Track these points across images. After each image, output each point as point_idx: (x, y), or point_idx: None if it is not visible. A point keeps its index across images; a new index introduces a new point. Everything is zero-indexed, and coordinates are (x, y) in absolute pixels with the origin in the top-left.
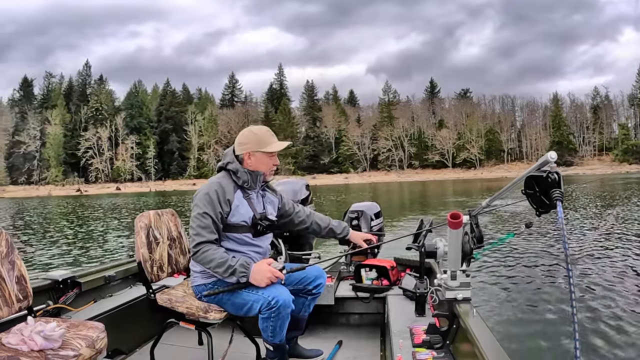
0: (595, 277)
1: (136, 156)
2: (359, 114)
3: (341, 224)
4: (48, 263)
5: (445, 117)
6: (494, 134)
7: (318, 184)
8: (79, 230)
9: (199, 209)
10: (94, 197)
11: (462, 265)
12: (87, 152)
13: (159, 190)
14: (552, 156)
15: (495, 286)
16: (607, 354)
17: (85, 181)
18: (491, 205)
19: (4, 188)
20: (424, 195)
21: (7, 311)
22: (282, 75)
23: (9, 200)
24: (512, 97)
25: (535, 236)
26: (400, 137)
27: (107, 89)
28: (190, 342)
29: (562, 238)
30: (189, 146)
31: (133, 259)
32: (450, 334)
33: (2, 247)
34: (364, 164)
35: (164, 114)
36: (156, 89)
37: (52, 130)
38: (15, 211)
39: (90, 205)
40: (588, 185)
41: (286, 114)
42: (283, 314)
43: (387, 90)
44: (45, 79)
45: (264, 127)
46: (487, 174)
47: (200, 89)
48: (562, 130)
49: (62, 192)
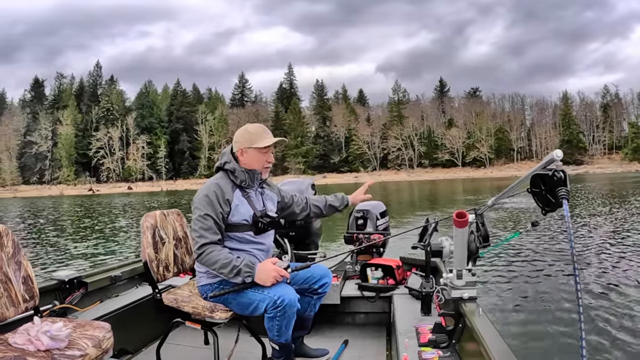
0: (602, 275)
1: (147, 156)
2: (369, 113)
3: (337, 196)
4: (62, 261)
5: (454, 116)
6: (503, 132)
7: (328, 183)
8: (102, 227)
9: (199, 211)
10: (106, 197)
11: (468, 264)
12: (99, 152)
13: (170, 189)
14: (558, 154)
15: (501, 285)
16: (614, 353)
17: (97, 181)
18: (497, 204)
19: (16, 188)
20: (433, 194)
21: (14, 311)
22: (291, 75)
23: (22, 199)
24: (521, 96)
25: (542, 235)
26: (410, 136)
27: (117, 89)
28: (196, 341)
29: (568, 237)
30: (200, 146)
31: (139, 259)
32: (456, 333)
33: (8, 247)
34: (373, 163)
35: (174, 114)
36: (166, 89)
37: (64, 131)
38: (28, 210)
39: (105, 204)
40: (594, 184)
41: (296, 113)
42: (289, 313)
43: (396, 90)
44: (57, 79)
45: (258, 125)
46: (496, 172)
47: (210, 89)
48: (572, 129)
49: (74, 191)
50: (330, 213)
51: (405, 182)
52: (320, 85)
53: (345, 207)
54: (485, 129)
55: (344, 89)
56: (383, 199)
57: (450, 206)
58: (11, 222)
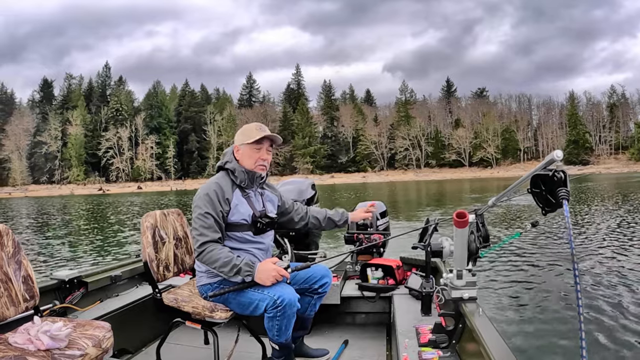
0: (602, 276)
1: (156, 156)
2: (376, 114)
3: (338, 211)
4: (72, 258)
5: (461, 116)
6: (510, 133)
7: (336, 182)
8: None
9: (200, 210)
10: (117, 196)
11: (468, 264)
12: (108, 152)
13: (179, 189)
14: (558, 155)
15: (501, 285)
16: (614, 353)
17: (106, 180)
18: (497, 205)
19: (27, 187)
20: (441, 193)
21: (14, 311)
22: (299, 76)
23: (34, 199)
24: (528, 96)
25: (542, 235)
26: (417, 136)
27: (126, 89)
28: (196, 341)
29: (568, 237)
30: (208, 146)
31: (139, 259)
32: (456, 334)
33: (8, 247)
34: (381, 163)
35: (183, 114)
36: (174, 89)
37: (73, 131)
38: (44, 208)
39: (118, 203)
40: (598, 184)
41: (304, 114)
42: (289, 313)
43: (404, 90)
44: (66, 80)
45: (255, 123)
46: (503, 172)
47: (218, 89)
48: (578, 129)
49: (85, 190)
50: (329, 227)
51: (412, 182)
52: (328, 86)
53: (344, 223)
54: (492, 129)
55: (351, 89)
56: (391, 199)
57: (458, 205)
58: (26, 219)
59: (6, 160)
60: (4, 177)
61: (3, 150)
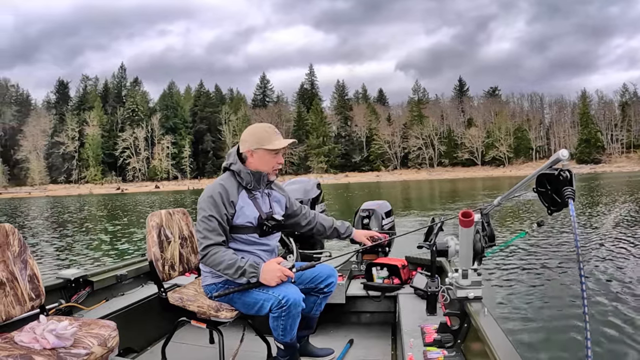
0: (608, 275)
1: (172, 155)
2: (389, 113)
3: (344, 224)
4: (92, 256)
5: (474, 115)
6: (522, 131)
7: (350, 181)
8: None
9: (204, 212)
10: (136, 195)
11: (474, 263)
12: (124, 152)
13: (196, 188)
14: (564, 154)
15: (507, 285)
16: (619, 352)
17: (123, 180)
18: (503, 204)
19: (46, 187)
20: (453, 192)
21: (20, 310)
22: (312, 75)
23: (53, 198)
24: (540, 95)
25: (548, 234)
26: (430, 135)
27: (142, 90)
28: (201, 340)
29: (574, 236)
30: (224, 145)
31: (144, 258)
32: (461, 333)
33: (14, 246)
34: (394, 162)
35: (198, 115)
36: (189, 89)
37: (90, 131)
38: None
39: (138, 201)
40: (609, 182)
41: (318, 114)
42: (294, 312)
43: (416, 89)
44: (82, 81)
45: (268, 124)
46: (515, 171)
47: (232, 89)
48: (590, 127)
49: (102, 190)
50: (332, 237)
51: (425, 181)
52: (341, 85)
53: (347, 237)
54: (504, 129)
55: (363, 88)
56: (405, 197)
57: (470, 203)
58: (69, 215)
59: (24, 160)
60: (22, 176)
61: (21, 150)
